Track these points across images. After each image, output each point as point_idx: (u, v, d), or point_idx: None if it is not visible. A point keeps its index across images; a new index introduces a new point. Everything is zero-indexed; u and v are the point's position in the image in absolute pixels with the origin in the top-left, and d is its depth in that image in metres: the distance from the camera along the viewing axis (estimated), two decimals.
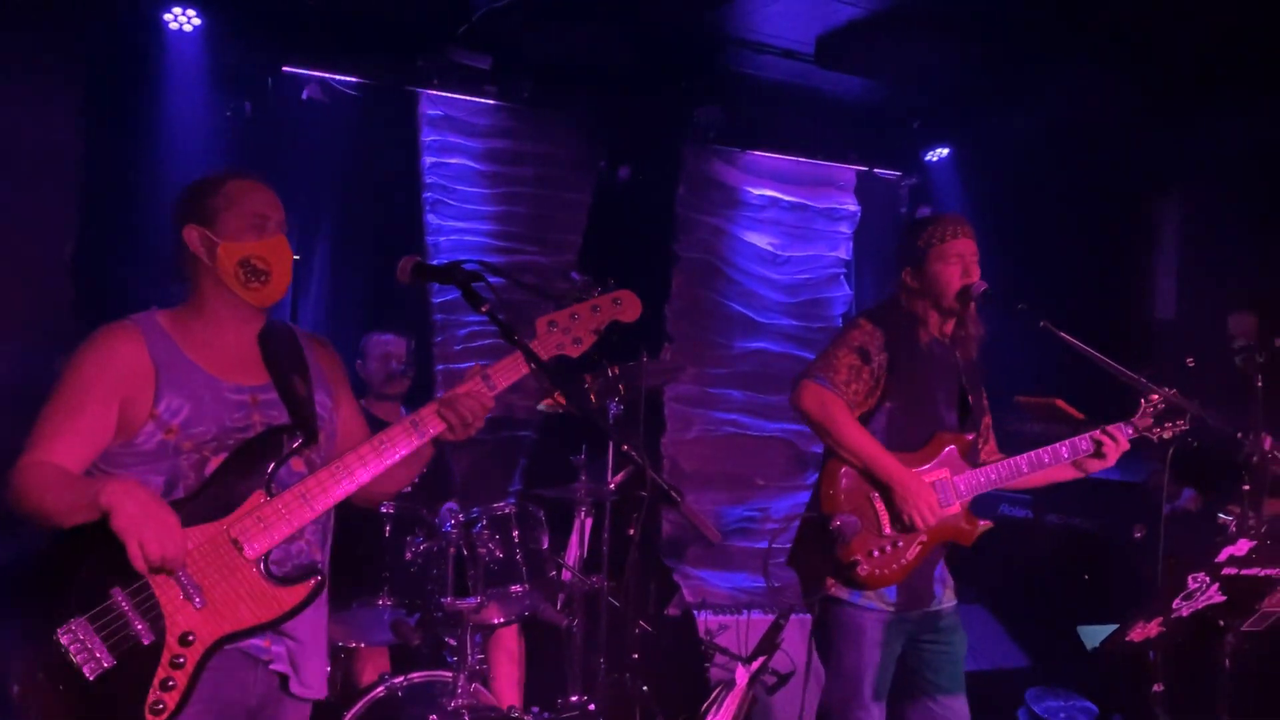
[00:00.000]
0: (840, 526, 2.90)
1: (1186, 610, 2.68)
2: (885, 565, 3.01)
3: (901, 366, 3.11)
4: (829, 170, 6.50)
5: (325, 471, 2.25)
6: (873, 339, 3.10)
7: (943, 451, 3.10)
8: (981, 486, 3.10)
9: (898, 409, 3.10)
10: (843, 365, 3.08)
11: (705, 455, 6.15)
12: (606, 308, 2.48)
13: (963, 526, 3.11)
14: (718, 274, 6.20)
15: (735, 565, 6.07)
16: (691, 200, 6.09)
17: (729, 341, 6.26)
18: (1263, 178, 5.41)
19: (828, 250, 6.55)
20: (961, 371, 3.22)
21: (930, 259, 3.14)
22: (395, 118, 5.32)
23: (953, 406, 3.19)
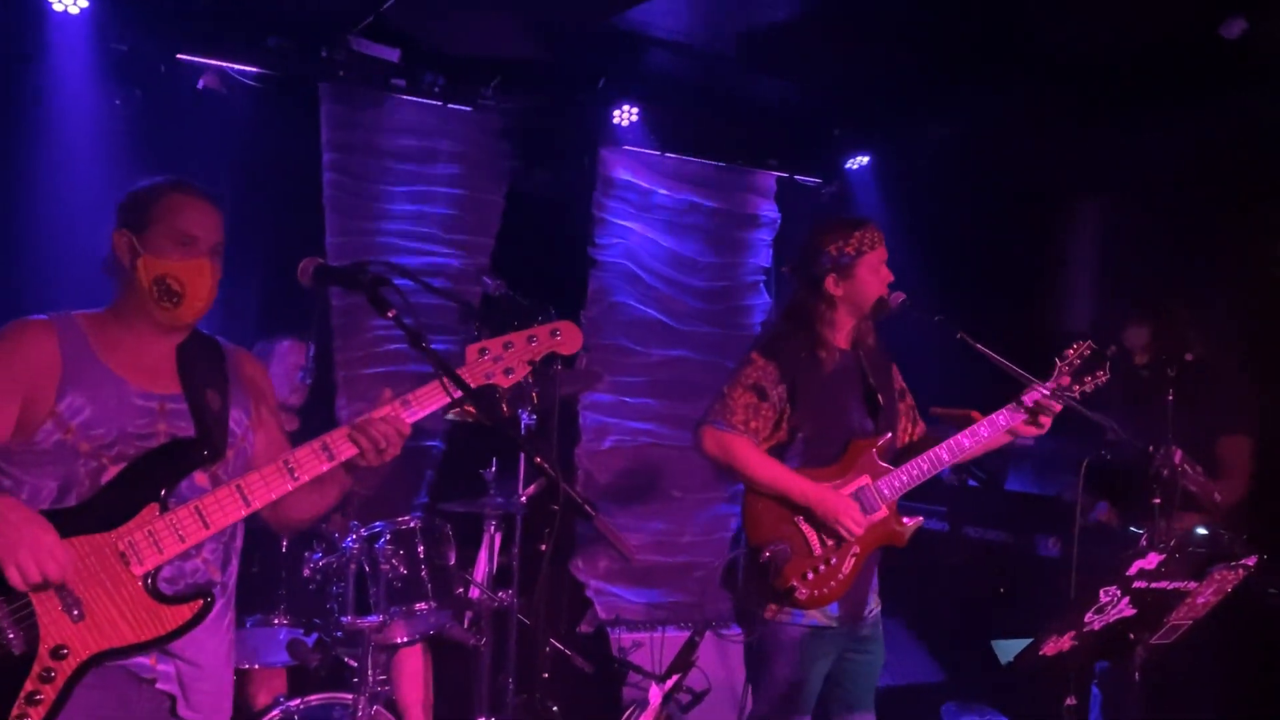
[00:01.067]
0: (771, 556, 2.99)
1: (1098, 624, 2.79)
2: (822, 584, 3.08)
3: (804, 394, 3.16)
4: (749, 176, 6.59)
5: (225, 490, 2.23)
6: (767, 373, 3.16)
7: (860, 459, 3.16)
8: (905, 485, 3.17)
9: (810, 436, 3.17)
10: (738, 405, 3.14)
11: (621, 467, 6.17)
12: (544, 339, 2.49)
13: (894, 528, 3.20)
14: (635, 280, 6.24)
15: (651, 581, 6.10)
16: (608, 203, 6.11)
17: (646, 349, 6.30)
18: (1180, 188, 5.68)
19: (748, 257, 6.64)
20: (867, 372, 3.28)
21: (861, 266, 3.19)
22: (296, 111, 5.25)
23: (865, 412, 3.25)
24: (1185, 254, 5.58)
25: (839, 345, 3.26)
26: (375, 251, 5.37)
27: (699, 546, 6.29)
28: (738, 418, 3.13)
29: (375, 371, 5.41)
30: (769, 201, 6.67)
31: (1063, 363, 3.29)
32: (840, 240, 3.20)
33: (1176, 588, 2.81)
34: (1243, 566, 2.83)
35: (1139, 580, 2.72)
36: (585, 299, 6.05)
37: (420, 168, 5.61)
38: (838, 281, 3.20)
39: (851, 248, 3.19)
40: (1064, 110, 5.74)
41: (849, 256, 3.19)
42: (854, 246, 3.19)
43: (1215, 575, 2.81)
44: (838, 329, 3.25)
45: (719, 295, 6.57)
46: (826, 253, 3.19)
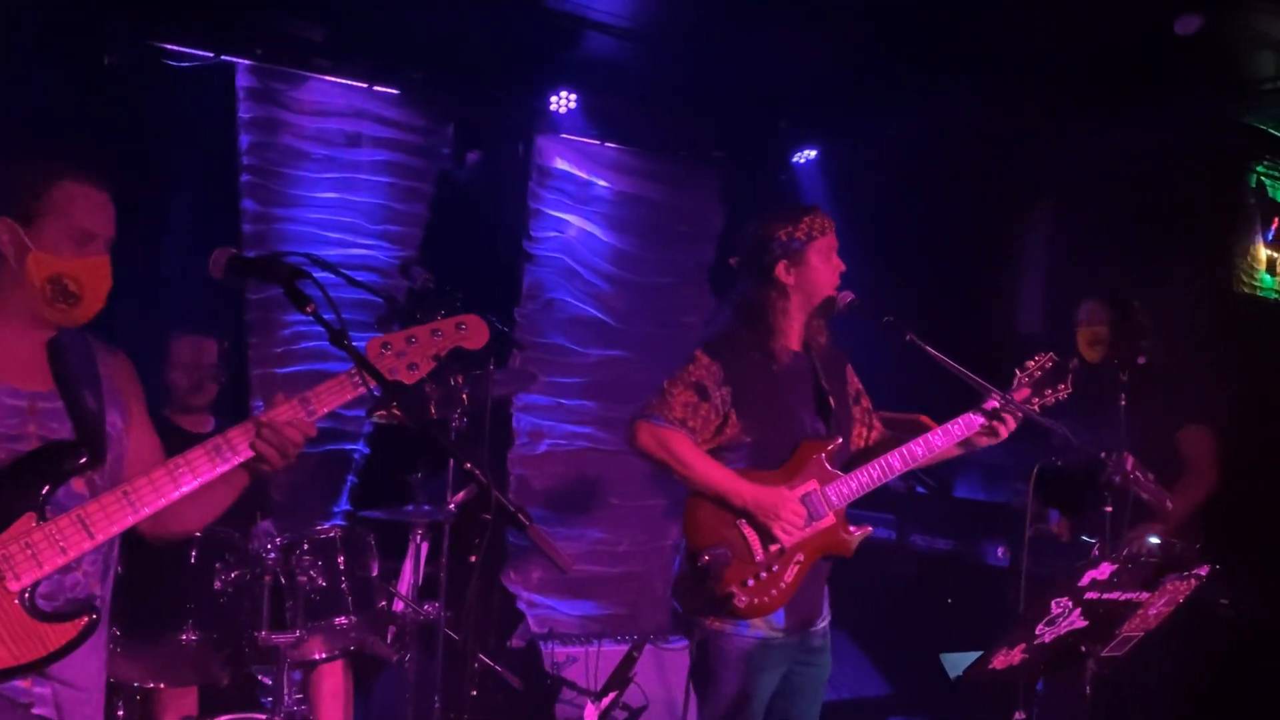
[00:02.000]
0: (709, 561, 2.96)
1: (1049, 636, 2.84)
2: (763, 593, 3.07)
3: (750, 396, 3.15)
4: (694, 168, 6.61)
5: (110, 496, 2.16)
6: (710, 373, 3.13)
7: (809, 462, 3.15)
8: (854, 493, 3.17)
9: (758, 439, 3.15)
10: (677, 402, 3.11)
11: (557, 472, 6.16)
12: (449, 333, 2.45)
13: (840, 537, 3.18)
14: (572, 275, 6.23)
15: (587, 592, 6.09)
16: (545, 194, 6.10)
17: (584, 348, 6.29)
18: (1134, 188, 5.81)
19: (691, 253, 6.66)
20: (819, 373, 3.28)
21: (811, 252, 3.18)
22: (210, 89, 5.15)
23: (816, 414, 3.25)
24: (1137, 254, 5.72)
25: (790, 345, 3.25)
26: (293, 242, 5.30)
27: (638, 556, 6.30)
28: (676, 414, 3.10)
29: (293, 370, 5.34)
30: (712, 195, 6.69)
31: (1023, 374, 3.32)
32: (789, 225, 3.18)
33: (1129, 598, 2.86)
34: (1194, 576, 2.89)
35: (1091, 591, 2.76)
36: (519, 295, 6.02)
37: (343, 153, 5.54)
38: (789, 269, 3.18)
39: (801, 232, 3.18)
40: (1017, 108, 5.84)
41: (799, 241, 3.17)
42: (804, 231, 3.18)
43: (1167, 586, 2.87)
44: (791, 322, 3.23)
45: (661, 292, 6.58)
46: (776, 239, 3.18)
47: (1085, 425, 4.41)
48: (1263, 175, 6.16)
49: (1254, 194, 6.17)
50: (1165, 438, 4.26)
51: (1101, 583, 2.76)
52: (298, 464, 2.39)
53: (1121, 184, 5.89)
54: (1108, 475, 3.54)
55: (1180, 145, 5.70)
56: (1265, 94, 5.60)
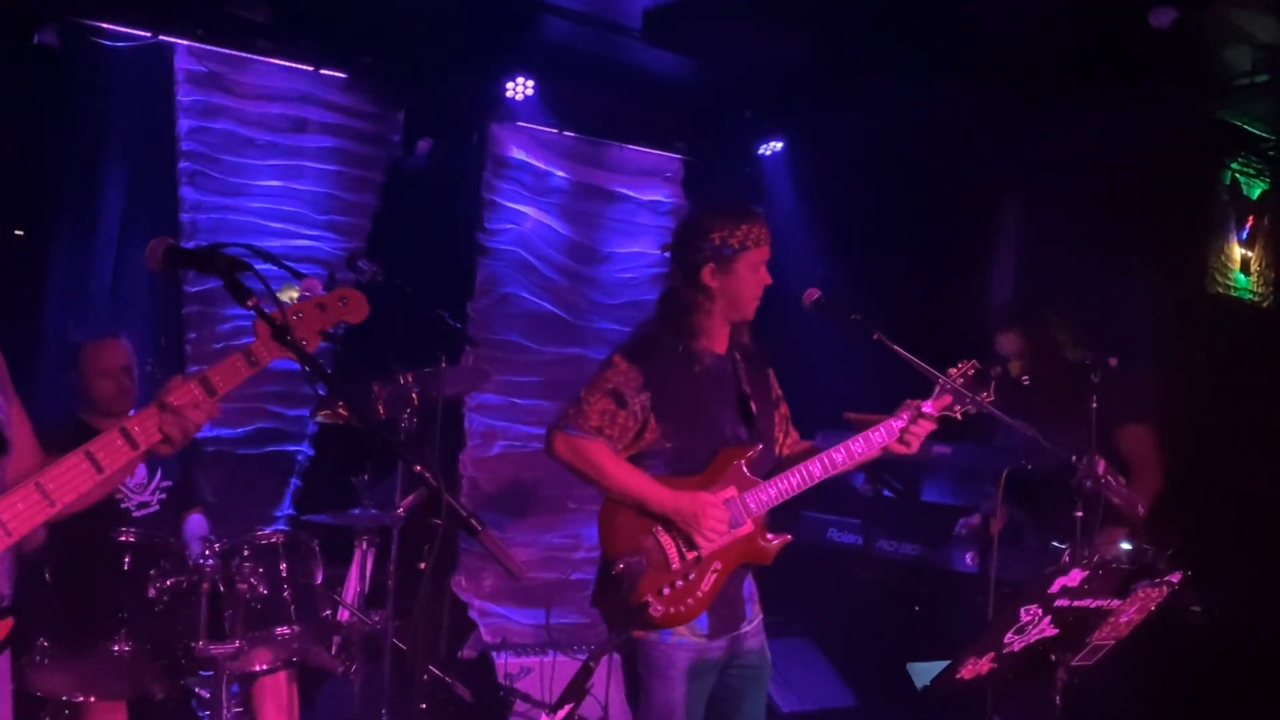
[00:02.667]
0: (624, 570, 2.99)
1: (1019, 644, 2.87)
2: (679, 602, 3.10)
3: (670, 402, 3.18)
4: (655, 159, 6.62)
5: (23, 490, 2.13)
6: (629, 379, 3.17)
7: (728, 469, 3.19)
8: (772, 500, 3.20)
9: (678, 446, 3.19)
10: (594, 411, 3.16)
11: (511, 475, 6.14)
12: (333, 307, 2.47)
13: (759, 545, 3.23)
14: (529, 269, 6.22)
15: (542, 600, 6.06)
16: (500, 184, 6.08)
17: (540, 346, 6.28)
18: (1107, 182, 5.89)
19: (651, 247, 6.66)
20: (741, 378, 3.32)
21: (741, 262, 3.18)
22: (148, 72, 5.09)
23: (738, 420, 3.29)
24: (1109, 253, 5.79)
25: (713, 348, 3.28)
26: (234, 232, 5.25)
27: (596, 563, 6.28)
28: (592, 422, 3.14)
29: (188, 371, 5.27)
30: (675, 187, 6.71)
31: (944, 379, 3.35)
32: (725, 229, 3.18)
33: (1099, 606, 2.90)
34: (1167, 583, 2.94)
35: (1061, 598, 2.80)
36: (473, 290, 6.01)
37: (288, 139, 5.50)
38: (714, 273, 3.19)
39: (736, 240, 3.18)
40: (989, 100, 5.91)
41: (731, 249, 3.18)
42: (739, 239, 3.18)
43: (1139, 593, 2.91)
44: (713, 325, 3.25)
45: (620, 288, 6.59)
46: (709, 240, 3.19)
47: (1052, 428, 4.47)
48: (1237, 172, 6.27)
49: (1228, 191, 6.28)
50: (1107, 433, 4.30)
51: (1072, 589, 2.80)
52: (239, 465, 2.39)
53: (1093, 181, 5.97)
54: (1079, 479, 3.59)
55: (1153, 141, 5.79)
56: (1240, 89, 5.70)
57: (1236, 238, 6.33)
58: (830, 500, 5.16)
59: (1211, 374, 5.53)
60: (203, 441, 5.12)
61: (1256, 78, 5.56)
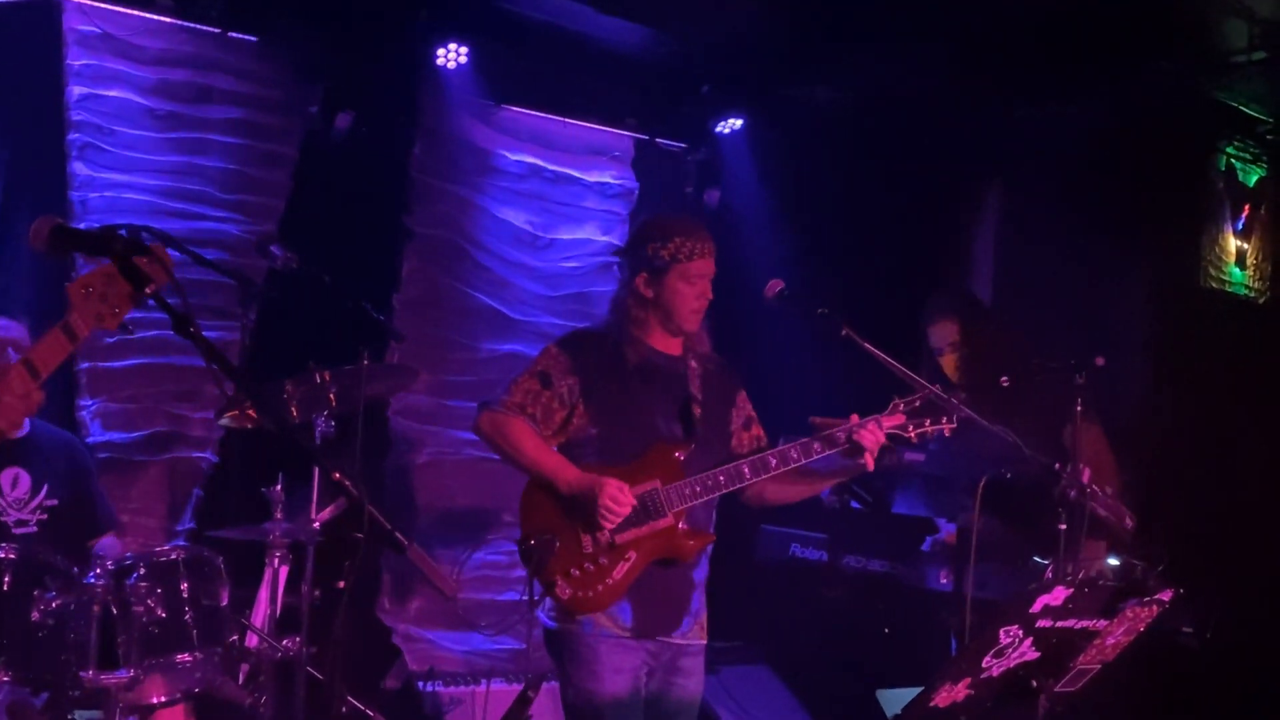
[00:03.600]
0: (534, 546, 3.35)
1: (997, 669, 2.90)
2: (588, 586, 3.40)
3: (598, 390, 3.54)
4: (603, 137, 6.60)
5: None
6: (557, 363, 3.57)
7: (658, 462, 3.49)
8: (695, 495, 3.47)
9: (605, 434, 3.54)
10: (519, 390, 3.56)
11: (441, 485, 6.11)
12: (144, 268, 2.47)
13: (677, 541, 3.48)
14: (462, 257, 6.19)
15: (474, 623, 6.04)
16: (430, 163, 6.04)
17: (474, 342, 6.25)
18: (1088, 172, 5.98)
19: (599, 233, 6.66)
20: (690, 382, 3.60)
21: (673, 274, 3.51)
22: (31, 32, 5.02)
23: (675, 417, 3.60)
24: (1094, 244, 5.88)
25: (654, 345, 3.60)
26: (131, 213, 5.17)
27: None
28: (515, 399, 3.53)
29: (129, 364, 5.24)
30: (625, 168, 6.71)
31: (901, 400, 3.54)
32: (657, 241, 3.52)
33: (1085, 626, 2.94)
34: (1157, 602, 2.98)
35: (1043, 618, 2.83)
36: (399, 279, 5.97)
37: (192, 109, 5.44)
38: (647, 283, 3.54)
39: (667, 252, 3.49)
40: (966, 77, 5.97)
41: (662, 261, 3.50)
42: (669, 252, 3.49)
43: (1127, 612, 2.95)
44: (647, 330, 3.59)
45: (564, 279, 6.58)
46: (644, 249, 3.56)
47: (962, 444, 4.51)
48: (1233, 157, 6.39)
49: (1223, 178, 6.39)
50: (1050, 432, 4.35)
51: (1055, 609, 2.83)
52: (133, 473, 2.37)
53: (1077, 166, 6.06)
54: (1062, 489, 3.64)
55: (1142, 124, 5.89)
56: (1235, 67, 5.80)
57: (1231, 228, 6.45)
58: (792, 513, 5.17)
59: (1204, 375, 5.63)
60: (94, 447, 5.04)
61: (1254, 55, 5.65)
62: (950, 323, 4.64)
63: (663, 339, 3.61)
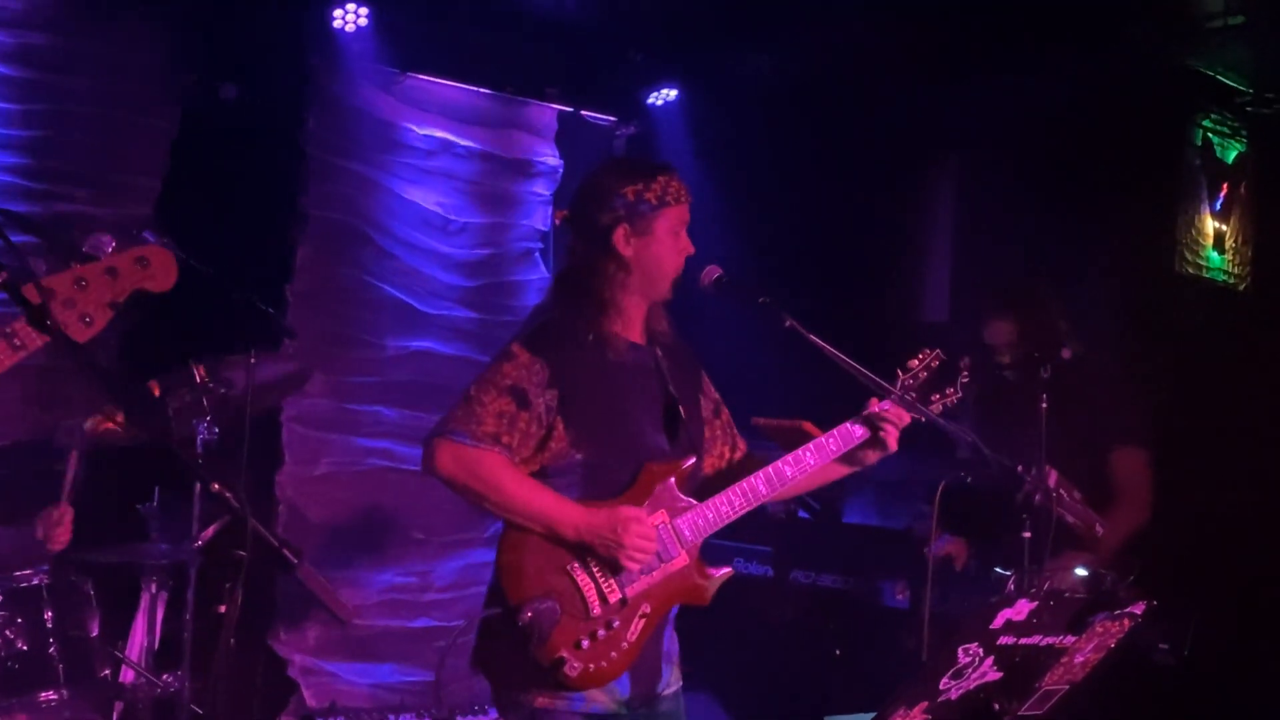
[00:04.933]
0: (533, 618, 2.96)
1: (956, 692, 2.92)
2: (601, 656, 3.08)
3: (581, 401, 3.18)
4: (523, 109, 6.60)
5: None
6: (531, 374, 3.15)
7: (655, 489, 3.19)
8: (711, 525, 3.23)
9: (592, 458, 3.19)
10: (489, 414, 3.11)
11: (341, 499, 6.08)
12: (128, 271, 2.44)
13: (695, 581, 3.23)
14: (364, 243, 6.16)
15: (381, 654, 6.03)
16: (327, 138, 6.00)
17: (379, 339, 6.23)
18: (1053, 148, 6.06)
19: (519, 217, 6.66)
20: (666, 376, 3.33)
21: (660, 221, 3.22)
22: None
23: (661, 427, 3.30)
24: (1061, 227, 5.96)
25: (629, 335, 3.29)
26: None
27: (447, 606, 6.27)
28: (487, 428, 3.10)
29: None
30: (548, 143, 6.71)
31: (905, 374, 3.42)
32: (640, 183, 3.22)
33: (1050, 644, 2.97)
34: (1129, 615, 3.01)
35: (1005, 634, 2.86)
36: (291, 268, 5.92)
37: (52, 77, 5.37)
38: (630, 237, 3.21)
39: (653, 194, 3.21)
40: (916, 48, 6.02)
41: (649, 205, 3.20)
42: (656, 193, 3.21)
43: (1097, 627, 2.99)
44: (630, 304, 3.27)
45: (480, 268, 6.57)
46: (620, 196, 3.21)
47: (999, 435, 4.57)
48: (1209, 131, 6.48)
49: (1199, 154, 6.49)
50: (1099, 449, 4.45)
51: (1018, 624, 2.85)
52: None
53: (1039, 142, 6.14)
54: (1026, 494, 3.68)
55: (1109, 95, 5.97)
56: (1212, 33, 5.88)
57: (1209, 209, 6.55)
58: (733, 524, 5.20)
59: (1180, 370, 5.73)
60: None
61: (1231, 20, 5.73)
62: (1005, 322, 4.67)
63: (634, 322, 3.30)
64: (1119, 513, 4.34)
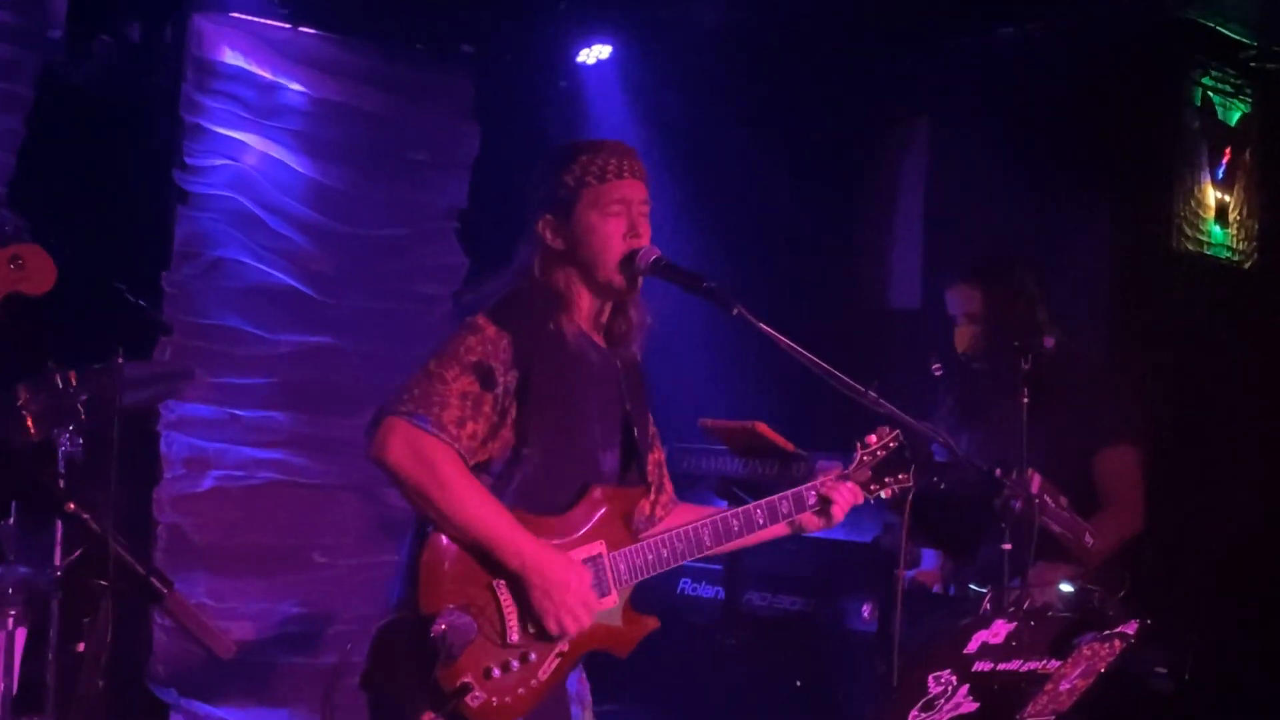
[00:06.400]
0: (445, 632, 2.91)
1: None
2: (508, 691, 3.06)
3: (541, 389, 3.15)
4: (433, 68, 6.57)
5: None
6: (497, 351, 3.11)
7: (600, 514, 3.20)
8: (650, 568, 3.22)
9: (540, 459, 3.16)
10: (453, 394, 3.05)
11: (229, 518, 6.04)
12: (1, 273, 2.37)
13: (618, 627, 3.21)
14: (252, 224, 6.12)
15: (278, 696, 6.01)
16: (207, 103, 5.96)
17: (270, 333, 6.19)
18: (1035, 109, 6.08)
19: (432, 192, 6.64)
20: (623, 386, 3.34)
21: (583, 205, 3.22)
22: None
23: (613, 442, 3.30)
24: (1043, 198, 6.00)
25: (591, 334, 3.30)
26: None
27: (354, 638, 6.19)
28: (451, 414, 3.03)
29: None
30: (463, 108, 6.68)
31: (863, 450, 3.48)
32: (558, 168, 3.24)
33: (1032, 669, 2.98)
34: (1119, 636, 3.04)
35: (981, 660, 2.87)
36: (169, 253, 5.89)
37: None
38: (555, 228, 3.23)
39: (571, 177, 3.22)
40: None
41: (567, 190, 3.21)
42: (574, 176, 3.22)
43: (1084, 650, 3.00)
44: (579, 296, 3.27)
45: (388, 250, 6.55)
46: (541, 185, 3.26)
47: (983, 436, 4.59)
48: (1210, 90, 6.52)
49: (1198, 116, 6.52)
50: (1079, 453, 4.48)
51: (995, 648, 2.87)
52: None
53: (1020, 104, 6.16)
54: (1005, 500, 3.69)
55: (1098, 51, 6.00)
56: None
57: (1210, 177, 6.58)
58: None
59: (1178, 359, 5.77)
60: None
61: None
62: (971, 288, 4.69)
63: (586, 319, 3.29)
64: (1109, 519, 4.37)
